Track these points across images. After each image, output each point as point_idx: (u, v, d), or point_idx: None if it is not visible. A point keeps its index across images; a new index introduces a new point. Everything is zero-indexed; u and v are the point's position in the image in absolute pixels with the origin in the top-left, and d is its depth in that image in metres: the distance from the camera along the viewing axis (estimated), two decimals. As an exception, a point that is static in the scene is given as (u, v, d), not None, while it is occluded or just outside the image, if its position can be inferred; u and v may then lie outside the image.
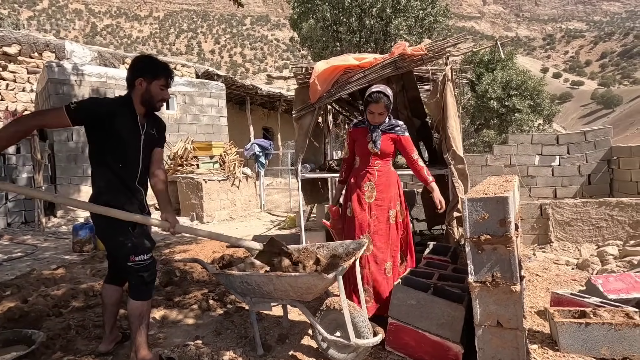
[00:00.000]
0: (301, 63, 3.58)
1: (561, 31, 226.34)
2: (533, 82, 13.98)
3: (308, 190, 4.05)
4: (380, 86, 2.42)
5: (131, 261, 1.88)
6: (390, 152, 2.45)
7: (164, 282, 3.20)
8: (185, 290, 3.04)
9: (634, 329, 1.81)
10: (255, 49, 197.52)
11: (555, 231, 4.11)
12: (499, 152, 6.73)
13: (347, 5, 13.15)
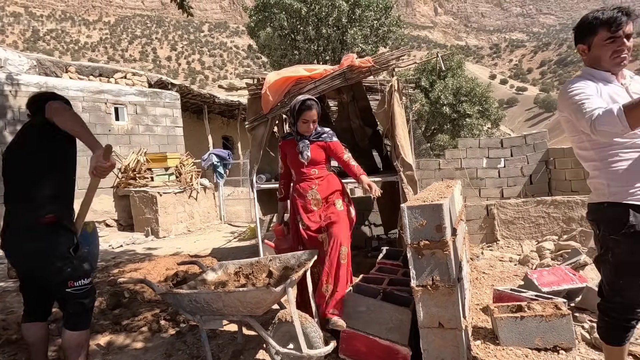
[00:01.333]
0: (252, 74, 3.58)
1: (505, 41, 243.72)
2: (481, 89, 14.93)
3: (265, 201, 4.02)
4: (306, 95, 2.46)
5: (70, 287, 1.76)
6: (322, 160, 2.42)
7: (111, 305, 3.02)
8: (134, 312, 2.89)
9: (562, 318, 1.97)
10: (215, 56, 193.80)
11: (501, 230, 4.38)
12: (450, 156, 7.09)
13: (304, 14, 13.33)
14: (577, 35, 1.46)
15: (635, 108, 1.17)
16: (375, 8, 13.75)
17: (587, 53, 1.44)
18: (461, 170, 6.99)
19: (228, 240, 6.20)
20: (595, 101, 1.30)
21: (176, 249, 5.62)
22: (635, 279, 1.36)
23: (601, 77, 1.42)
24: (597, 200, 1.45)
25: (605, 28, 1.35)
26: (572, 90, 1.38)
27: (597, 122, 1.24)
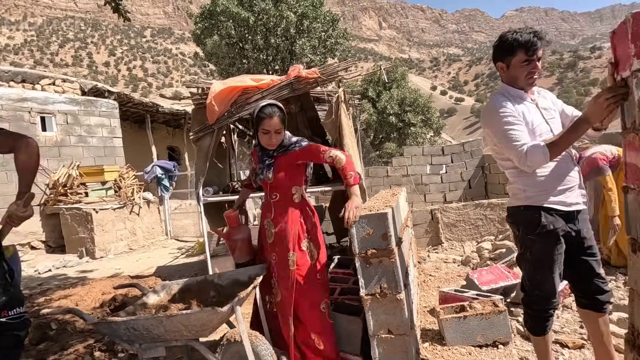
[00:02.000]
0: (197, 82, 3.45)
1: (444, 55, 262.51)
2: (423, 100, 15.85)
3: (213, 214, 3.86)
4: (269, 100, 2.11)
5: (4, 316, 1.54)
6: (286, 182, 1.96)
7: (35, 339, 2.68)
8: (63, 345, 2.59)
9: (499, 315, 2.11)
10: (158, 63, 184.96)
11: (444, 232, 4.63)
12: (397, 163, 7.40)
13: (252, 23, 13.25)
14: (497, 53, 1.59)
15: (555, 146, 1.38)
16: (323, 20, 14.08)
17: (505, 71, 1.57)
18: (407, 176, 7.31)
19: (175, 257, 5.86)
20: (521, 132, 1.46)
21: (115, 270, 5.18)
22: (550, 273, 1.51)
23: (517, 95, 1.58)
24: (515, 204, 1.60)
25: (522, 51, 1.49)
26: (500, 113, 1.51)
27: (528, 158, 1.41)
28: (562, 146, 1.40)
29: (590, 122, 1.32)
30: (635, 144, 1.15)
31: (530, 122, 1.51)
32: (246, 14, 13.01)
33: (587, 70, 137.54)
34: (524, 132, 1.47)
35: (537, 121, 1.53)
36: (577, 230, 1.50)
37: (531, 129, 1.51)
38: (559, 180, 1.50)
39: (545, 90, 1.71)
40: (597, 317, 1.55)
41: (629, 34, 1.11)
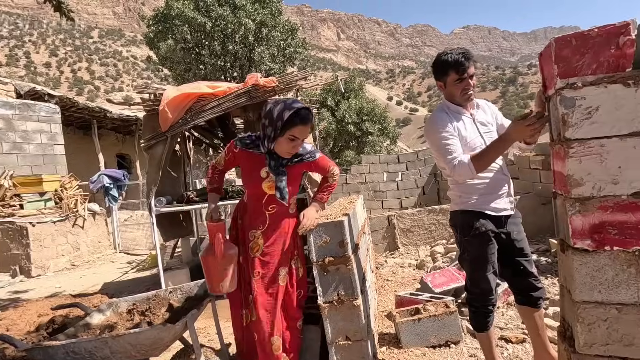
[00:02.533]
0: (149, 88, 3.31)
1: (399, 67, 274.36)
2: (380, 109, 16.40)
3: (166, 225, 3.69)
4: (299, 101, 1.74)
5: None
6: (293, 194, 1.84)
7: (-45, 373, 2.37)
8: (-10, 376, 2.31)
9: (450, 315, 2.22)
10: (107, 65, 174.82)
11: (401, 238, 4.78)
12: (355, 171, 7.56)
13: (209, 29, 12.99)
14: (434, 73, 1.75)
15: (478, 161, 1.52)
16: (282, 29, 14.15)
17: (443, 89, 1.74)
18: (365, 184, 7.49)
19: (124, 272, 5.49)
20: (454, 146, 1.60)
21: (55, 289, 4.74)
22: (485, 271, 1.65)
23: (455, 110, 1.73)
24: (454, 209, 1.75)
25: (453, 71, 1.64)
26: (437, 128, 1.66)
27: (456, 170, 1.57)
28: (487, 160, 1.54)
29: (509, 140, 1.46)
30: (560, 154, 1.28)
31: (465, 137, 1.65)
32: (202, 19, 12.74)
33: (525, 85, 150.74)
34: (457, 146, 1.60)
35: (472, 135, 1.66)
36: (507, 233, 1.65)
37: (466, 143, 1.64)
38: (490, 188, 1.66)
39: (488, 104, 1.86)
40: (532, 312, 1.69)
41: (552, 56, 1.24)
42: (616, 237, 1.19)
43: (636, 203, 1.16)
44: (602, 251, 1.20)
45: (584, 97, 1.21)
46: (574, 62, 1.22)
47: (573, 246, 1.23)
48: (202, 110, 3.15)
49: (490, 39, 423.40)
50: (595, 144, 1.20)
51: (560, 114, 1.24)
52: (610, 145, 1.19)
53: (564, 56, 1.22)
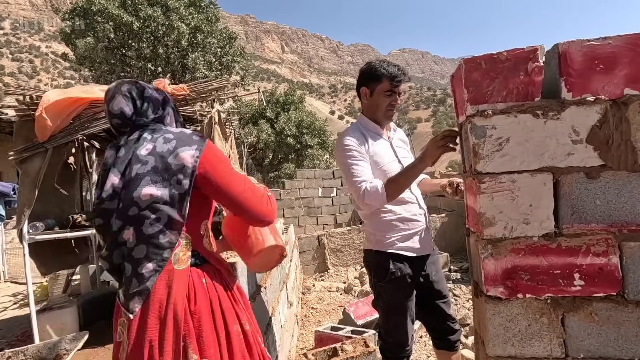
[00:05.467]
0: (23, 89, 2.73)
1: (341, 83, 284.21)
2: (319, 123, 16.48)
3: (48, 255, 3.05)
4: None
5: None
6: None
7: None
8: None
9: (369, 356, 2.03)
10: (21, 61, 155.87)
11: (331, 258, 4.60)
12: (290, 186, 7.32)
13: (137, 29, 12.00)
14: (363, 78, 1.55)
15: (391, 186, 1.35)
16: (219, 36, 13.62)
17: (367, 98, 1.54)
18: (300, 199, 7.27)
19: (4, 308, 4.54)
20: (363, 169, 1.42)
21: None
22: (402, 320, 1.46)
23: (373, 130, 1.56)
24: (367, 247, 1.55)
25: (388, 80, 1.48)
26: (345, 147, 1.46)
27: (365, 197, 1.36)
28: (399, 187, 1.37)
29: (425, 162, 1.31)
30: (473, 188, 1.14)
31: (379, 161, 1.48)
32: (129, 18, 11.74)
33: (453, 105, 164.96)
34: (367, 170, 1.43)
35: (388, 160, 1.51)
36: (425, 275, 1.50)
37: (380, 168, 1.47)
38: (405, 224, 1.50)
39: (400, 130, 1.73)
40: (450, 356, 1.55)
41: (462, 79, 1.10)
42: (528, 284, 1.06)
43: (547, 245, 1.05)
44: (514, 299, 1.07)
45: (495, 126, 1.08)
46: (484, 86, 1.09)
47: (486, 293, 1.09)
48: (94, 118, 2.67)
49: (424, 62, 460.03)
50: (507, 179, 1.08)
51: (471, 144, 1.10)
52: (521, 181, 1.07)
53: (474, 80, 1.10)
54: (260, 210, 1.07)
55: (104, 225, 0.99)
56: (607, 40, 1.00)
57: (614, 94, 1.00)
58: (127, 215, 0.96)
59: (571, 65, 1.03)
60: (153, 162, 0.97)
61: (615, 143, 1.01)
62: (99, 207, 1.00)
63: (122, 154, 1.01)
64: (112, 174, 0.99)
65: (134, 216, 0.96)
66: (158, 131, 1.06)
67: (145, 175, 0.96)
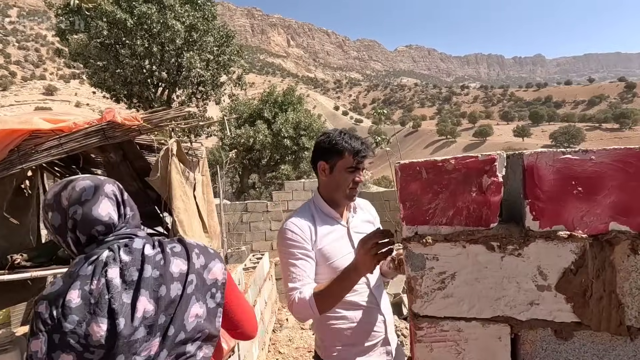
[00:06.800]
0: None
1: (346, 78, 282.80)
2: (318, 124, 16.18)
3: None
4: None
5: None
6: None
7: None
8: None
9: None
10: (27, 49, 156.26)
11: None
12: (277, 198, 7.06)
13: (131, 26, 11.71)
14: (321, 151, 1.31)
15: (322, 298, 1.11)
16: (216, 35, 13.31)
17: (327, 174, 1.30)
18: (288, 212, 7.02)
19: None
20: (300, 271, 1.19)
21: None
22: None
23: (327, 214, 1.32)
24: (317, 354, 1.29)
25: (351, 155, 1.26)
26: (287, 241, 1.23)
27: (294, 308, 1.15)
28: (331, 299, 1.12)
29: (359, 272, 1.05)
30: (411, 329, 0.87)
31: (329, 256, 1.24)
32: (123, 15, 11.45)
33: (458, 104, 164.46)
34: (305, 272, 1.18)
35: (341, 253, 1.25)
36: None
37: (330, 264, 1.23)
38: (360, 334, 1.24)
39: (369, 205, 1.47)
40: None
41: (397, 189, 0.83)
42: None
43: (501, 421, 0.80)
44: None
45: (437, 257, 0.82)
46: (424, 203, 0.82)
47: None
48: (35, 151, 2.42)
49: (430, 59, 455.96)
50: (451, 327, 0.82)
51: (407, 275, 0.84)
52: (469, 332, 0.81)
53: (412, 193, 0.83)
54: (254, 327, 1.04)
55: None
56: (589, 154, 0.73)
57: (596, 229, 0.73)
58: (172, 342, 0.82)
59: (539, 185, 0.76)
60: (195, 280, 0.88)
61: (595, 295, 0.74)
62: (116, 342, 0.77)
63: (131, 271, 0.83)
64: (143, 297, 0.80)
65: (179, 341, 0.83)
66: (168, 242, 0.92)
67: (192, 294, 0.86)
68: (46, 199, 0.89)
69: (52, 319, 0.77)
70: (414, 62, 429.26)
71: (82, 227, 0.86)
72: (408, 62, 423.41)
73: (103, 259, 0.83)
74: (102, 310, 0.78)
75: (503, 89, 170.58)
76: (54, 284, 0.81)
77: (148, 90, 13.12)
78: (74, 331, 0.76)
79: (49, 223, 0.89)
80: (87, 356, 0.76)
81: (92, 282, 0.80)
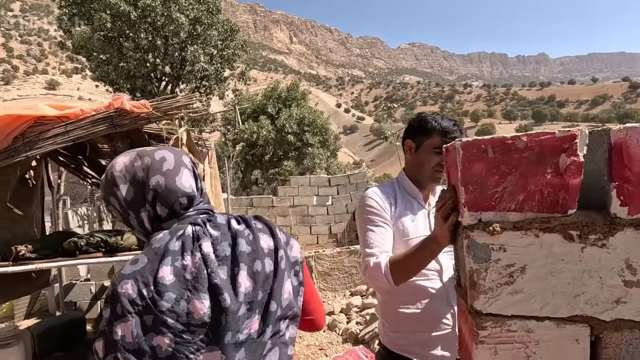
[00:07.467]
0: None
1: (348, 75, 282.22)
2: (321, 121, 16.06)
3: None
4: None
5: None
6: None
7: None
8: None
9: None
10: (29, 44, 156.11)
11: (319, 282, 4.27)
12: (283, 193, 6.98)
13: (134, 19, 11.59)
14: (410, 130, 1.29)
15: (399, 267, 1.05)
16: (220, 28, 13.18)
17: (412, 152, 1.26)
18: (294, 207, 6.94)
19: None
20: (379, 237, 1.15)
21: None
22: None
23: (410, 192, 1.27)
24: (380, 339, 1.26)
25: (439, 135, 1.21)
26: (366, 207, 1.21)
27: (368, 273, 1.11)
28: (407, 268, 1.04)
29: (440, 243, 0.95)
30: (469, 327, 0.78)
31: (407, 233, 1.19)
32: (127, 7, 11.33)
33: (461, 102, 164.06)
34: (383, 239, 1.15)
35: (419, 233, 1.19)
36: None
37: (406, 240, 1.17)
38: (426, 323, 1.17)
39: None
40: None
41: (459, 170, 0.73)
42: None
43: None
44: None
45: (504, 247, 0.72)
46: (490, 185, 0.73)
47: None
48: (39, 138, 2.33)
49: (433, 57, 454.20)
50: (519, 327, 0.72)
51: (468, 268, 0.74)
52: (541, 333, 0.71)
53: (476, 174, 0.73)
54: (324, 316, 1.00)
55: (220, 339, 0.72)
56: (691, 130, 0.63)
57: (698, 217, 0.63)
58: (273, 319, 0.78)
59: (629, 166, 0.66)
60: (284, 256, 0.84)
61: (694, 293, 0.65)
62: (222, 319, 0.70)
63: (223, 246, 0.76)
64: (243, 272, 0.74)
65: (277, 318, 0.78)
66: (250, 218, 0.85)
67: (284, 270, 0.82)
68: (112, 171, 0.79)
69: (142, 298, 0.68)
70: (416, 60, 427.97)
71: (164, 199, 0.77)
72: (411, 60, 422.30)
73: (189, 233, 0.74)
74: (203, 286, 0.70)
75: (506, 88, 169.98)
76: (136, 261, 0.71)
77: (151, 84, 13.01)
78: (172, 310, 0.67)
79: (116, 198, 0.78)
80: (186, 337, 0.67)
81: (183, 258, 0.71)
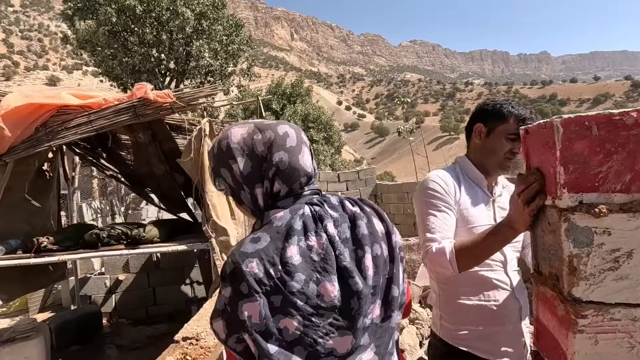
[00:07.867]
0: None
1: (349, 73, 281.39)
2: (326, 117, 16.01)
3: (15, 277, 2.71)
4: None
5: None
6: None
7: None
8: None
9: None
10: (30, 39, 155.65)
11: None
12: (292, 189, 6.95)
13: (140, 13, 11.50)
14: (482, 114, 1.21)
15: (466, 253, 0.98)
16: (226, 23, 13.09)
17: (482, 137, 1.19)
18: (303, 203, 6.91)
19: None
20: (441, 223, 1.09)
21: None
22: None
23: (474, 178, 1.19)
24: (433, 330, 1.22)
25: (516, 121, 1.14)
26: (428, 191, 1.13)
27: (430, 259, 1.04)
28: (476, 255, 0.98)
29: (516, 229, 0.89)
30: (562, 316, 0.74)
31: (470, 220, 1.12)
32: (132, 1, 11.25)
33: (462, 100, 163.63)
34: (446, 224, 1.08)
35: (483, 221, 1.12)
36: None
37: (470, 227, 1.11)
38: (491, 317, 1.10)
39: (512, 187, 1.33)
40: None
41: (557, 149, 0.69)
42: None
43: None
44: None
45: (609, 230, 0.68)
46: (594, 165, 0.68)
47: None
48: (63, 128, 2.28)
49: (434, 54, 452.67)
50: (624, 315, 0.68)
51: (567, 253, 0.70)
52: (648, 322, 0.67)
53: (577, 153, 0.69)
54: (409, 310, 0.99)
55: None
56: None
57: None
58: (396, 304, 0.76)
59: None
60: (398, 241, 0.82)
61: None
62: (353, 302, 0.68)
63: (343, 228, 0.73)
64: (368, 255, 0.72)
65: (400, 304, 0.77)
66: (358, 200, 0.80)
67: (399, 254, 0.80)
68: (229, 142, 0.73)
69: (270, 278, 0.64)
70: (418, 57, 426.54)
71: (286, 177, 0.73)
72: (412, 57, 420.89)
73: (308, 213, 0.70)
74: (333, 267, 0.67)
75: (507, 86, 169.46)
76: (258, 240, 0.66)
77: (156, 80, 12.94)
78: (302, 291, 0.64)
79: (229, 171, 0.74)
80: (315, 320, 0.64)
81: (307, 238, 0.68)
